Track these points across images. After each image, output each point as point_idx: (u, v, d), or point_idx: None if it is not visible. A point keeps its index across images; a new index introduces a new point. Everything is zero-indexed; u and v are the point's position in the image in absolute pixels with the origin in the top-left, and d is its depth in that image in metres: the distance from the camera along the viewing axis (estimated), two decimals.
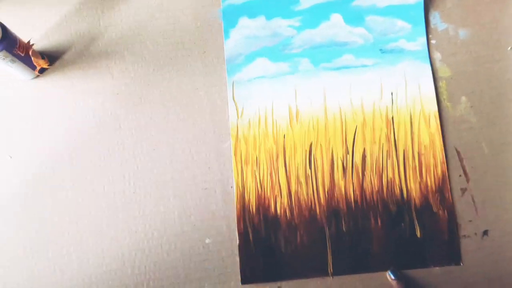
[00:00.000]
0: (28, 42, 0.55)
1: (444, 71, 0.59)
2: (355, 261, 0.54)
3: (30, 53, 0.54)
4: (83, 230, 0.55)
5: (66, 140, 0.57)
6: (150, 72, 0.59)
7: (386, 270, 0.53)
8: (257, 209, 0.55)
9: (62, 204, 0.55)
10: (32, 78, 0.58)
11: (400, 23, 0.60)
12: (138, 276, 0.54)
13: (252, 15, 0.60)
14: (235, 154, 0.56)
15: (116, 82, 0.59)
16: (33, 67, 0.56)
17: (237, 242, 0.54)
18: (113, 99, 0.58)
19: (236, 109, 0.57)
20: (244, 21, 0.60)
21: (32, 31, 0.60)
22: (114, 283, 0.53)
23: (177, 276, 0.54)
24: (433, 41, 0.60)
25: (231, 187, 0.56)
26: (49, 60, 0.59)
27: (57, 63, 0.59)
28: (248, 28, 0.59)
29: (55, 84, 0.59)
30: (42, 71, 0.58)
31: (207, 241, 0.55)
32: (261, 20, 0.60)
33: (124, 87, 0.58)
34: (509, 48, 0.59)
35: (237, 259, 0.54)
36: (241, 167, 0.56)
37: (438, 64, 0.59)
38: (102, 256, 0.54)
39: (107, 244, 0.54)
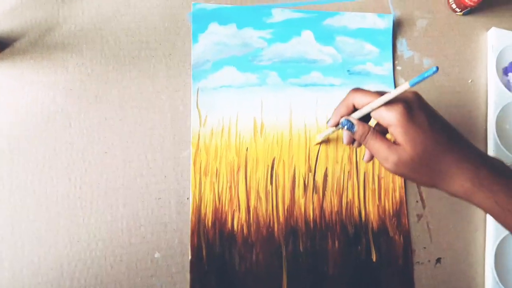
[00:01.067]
0: None
1: None
2: (310, 282, 0.52)
3: None
4: (19, 235, 0.49)
5: (9, 134, 0.52)
6: (109, 69, 0.55)
7: None
8: (213, 223, 0.52)
9: None
10: None
11: (368, 46, 0.60)
12: None
13: (223, 22, 0.58)
14: (194, 164, 0.53)
15: (70, 77, 0.54)
16: None
17: (189, 258, 0.51)
18: (65, 94, 0.54)
19: (199, 117, 0.55)
20: (214, 27, 0.58)
21: None
22: None
23: None
24: (398, 67, 0.61)
25: (187, 198, 0.53)
26: None
27: (7, 51, 0.54)
28: (218, 35, 0.58)
29: (3, 73, 0.53)
30: None
31: (156, 255, 0.51)
32: (232, 28, 0.58)
33: (79, 83, 0.54)
34: (470, 81, 0.61)
35: (188, 275, 0.51)
36: (200, 178, 0.53)
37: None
38: (38, 266, 0.49)
39: (45, 252, 0.49)
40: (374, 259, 0.54)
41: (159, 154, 0.54)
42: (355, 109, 0.42)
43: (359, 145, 0.45)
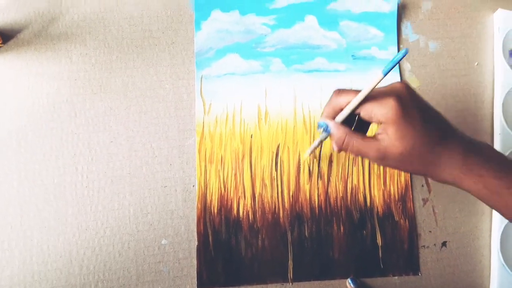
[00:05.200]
0: None
1: (413, 82, 0.59)
2: (316, 267, 0.52)
3: None
4: (28, 224, 0.50)
5: (15, 125, 0.52)
6: (113, 59, 0.55)
7: (346, 278, 0.53)
8: (219, 210, 0.53)
9: (5, 194, 0.51)
10: None
11: (373, 30, 0.60)
12: (86, 276, 0.50)
13: (225, 8, 0.58)
14: (199, 152, 0.54)
15: (75, 67, 0.55)
16: None
17: (196, 244, 0.52)
18: (70, 85, 0.54)
19: (203, 105, 0.55)
20: (217, 14, 0.57)
21: None
22: (59, 282, 0.49)
23: (128, 278, 0.50)
24: None
25: (193, 186, 0.53)
26: (3, 38, 0.54)
27: (11, 42, 0.55)
28: (221, 22, 0.57)
29: (8, 65, 0.54)
30: None
31: (163, 241, 0.52)
32: (234, 14, 0.58)
33: (84, 73, 0.55)
34: (476, 63, 0.60)
35: (195, 261, 0.51)
36: (205, 165, 0.53)
37: (407, 74, 0.59)
38: (47, 253, 0.50)
39: (54, 240, 0.50)
40: (379, 244, 0.54)
41: (164, 143, 0.54)
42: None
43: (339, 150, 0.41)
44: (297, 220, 0.54)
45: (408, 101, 0.37)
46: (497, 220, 0.55)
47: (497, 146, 0.57)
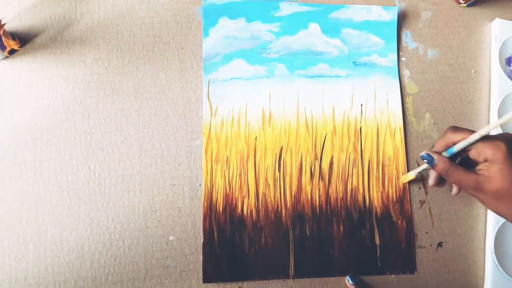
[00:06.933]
0: (0, 21, 0.53)
1: (411, 88, 0.61)
2: (316, 265, 0.55)
3: (1, 33, 0.52)
4: (42, 219, 0.53)
5: (32, 125, 0.55)
6: (125, 63, 0.58)
7: (345, 275, 0.55)
8: (224, 208, 0.55)
9: (21, 191, 0.53)
10: (1, 59, 0.56)
11: (374, 38, 0.62)
12: (97, 269, 0.52)
13: (232, 16, 0.60)
14: (205, 152, 0.56)
15: (88, 70, 0.57)
16: (2, 48, 0.54)
17: (202, 240, 0.54)
18: (84, 87, 0.57)
19: (210, 108, 0.58)
20: (224, 21, 0.60)
21: (5, 11, 0.58)
22: (71, 275, 0.52)
23: (137, 272, 0.53)
24: (403, 58, 0.62)
25: (200, 185, 0.56)
26: (20, 42, 0.57)
27: (28, 46, 0.57)
28: (228, 29, 0.60)
29: (25, 67, 0.57)
30: (12, 52, 0.56)
31: (171, 238, 0.54)
32: (241, 21, 0.60)
33: (97, 76, 0.57)
34: (473, 71, 0.63)
35: (200, 257, 0.54)
36: (211, 165, 0.56)
37: (406, 80, 0.62)
38: (60, 247, 0.52)
39: (67, 235, 0.53)
40: (377, 243, 0.56)
41: (173, 143, 0.56)
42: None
43: (442, 183, 0.49)
44: (299, 219, 0.56)
45: None
46: (492, 223, 0.57)
47: None
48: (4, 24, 0.53)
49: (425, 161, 0.46)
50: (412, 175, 0.55)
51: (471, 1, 0.63)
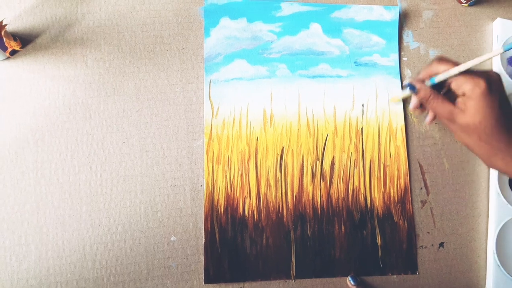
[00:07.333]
0: (1, 22, 0.53)
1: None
2: (318, 265, 0.55)
3: (2, 33, 0.52)
4: (44, 220, 0.53)
5: (33, 126, 0.55)
6: (126, 63, 0.58)
7: (346, 275, 0.55)
8: (225, 209, 0.55)
9: (23, 192, 0.53)
10: (2, 60, 0.56)
11: (375, 38, 0.62)
12: (99, 270, 0.52)
13: (234, 16, 0.60)
14: (207, 153, 0.56)
15: (90, 71, 0.57)
16: (4, 48, 0.54)
17: (203, 241, 0.54)
18: (85, 87, 0.57)
19: (212, 108, 0.58)
20: (225, 22, 0.60)
21: (6, 12, 0.58)
22: (73, 276, 0.52)
23: (139, 272, 0.53)
24: (404, 58, 0.62)
25: (201, 185, 0.56)
26: (22, 42, 0.57)
27: (29, 46, 0.57)
28: (229, 29, 0.60)
29: (26, 68, 0.57)
30: (13, 53, 0.56)
31: (172, 238, 0.54)
32: (242, 22, 0.60)
33: (98, 76, 0.57)
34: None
35: (202, 258, 0.54)
36: (212, 166, 0.56)
37: (408, 80, 0.61)
38: (62, 248, 0.53)
39: (68, 236, 0.53)
40: (379, 243, 0.56)
41: (174, 144, 0.56)
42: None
43: (422, 109, 0.51)
44: (300, 219, 0.56)
45: (495, 86, 0.42)
46: (493, 223, 0.57)
47: None
48: (5, 25, 0.53)
49: (408, 88, 0.48)
50: (398, 98, 0.59)
51: (472, 0, 0.63)
